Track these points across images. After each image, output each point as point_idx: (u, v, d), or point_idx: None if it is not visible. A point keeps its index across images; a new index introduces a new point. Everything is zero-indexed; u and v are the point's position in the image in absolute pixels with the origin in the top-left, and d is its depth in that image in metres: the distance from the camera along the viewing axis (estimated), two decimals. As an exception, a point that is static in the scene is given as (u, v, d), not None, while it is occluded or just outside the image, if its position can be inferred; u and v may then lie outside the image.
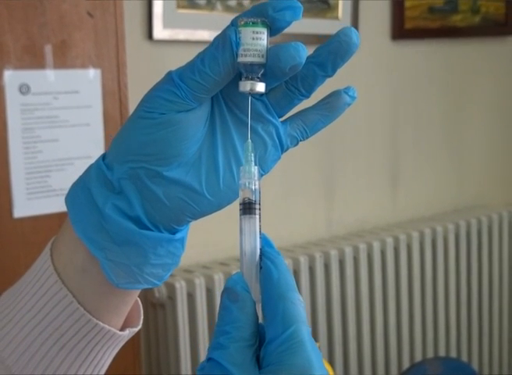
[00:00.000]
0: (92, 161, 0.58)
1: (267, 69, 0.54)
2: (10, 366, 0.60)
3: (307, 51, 0.54)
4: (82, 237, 0.57)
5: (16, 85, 1.59)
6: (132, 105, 1.66)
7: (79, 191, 0.57)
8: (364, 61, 2.48)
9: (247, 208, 0.52)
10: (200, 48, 0.55)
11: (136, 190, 0.56)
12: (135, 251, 0.56)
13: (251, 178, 0.53)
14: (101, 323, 0.60)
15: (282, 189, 2.34)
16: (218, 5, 2.07)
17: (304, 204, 2.41)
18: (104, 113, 1.70)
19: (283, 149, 0.59)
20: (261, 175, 0.58)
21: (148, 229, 0.56)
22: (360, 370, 2.39)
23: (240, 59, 0.52)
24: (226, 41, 0.52)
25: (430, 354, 2.54)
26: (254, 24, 0.52)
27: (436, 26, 2.64)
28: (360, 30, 2.43)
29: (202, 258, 2.14)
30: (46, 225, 1.62)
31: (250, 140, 0.55)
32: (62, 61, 1.64)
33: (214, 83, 0.54)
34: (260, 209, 0.53)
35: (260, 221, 0.52)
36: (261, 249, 0.52)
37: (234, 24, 0.53)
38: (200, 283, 2.00)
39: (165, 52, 2.02)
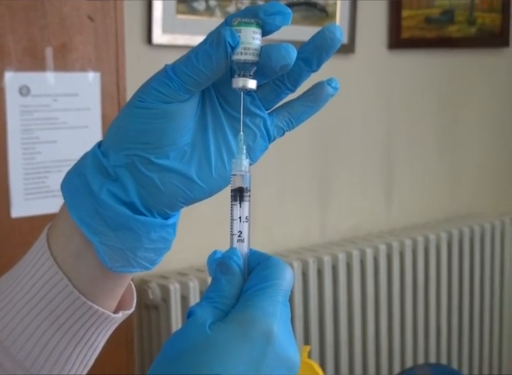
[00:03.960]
0: None
1: (258, 68, 0.56)
2: (8, 347, 0.62)
3: (296, 52, 0.56)
4: (77, 221, 0.59)
5: (16, 87, 1.61)
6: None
7: (74, 178, 0.60)
8: (361, 69, 2.50)
9: (238, 195, 0.55)
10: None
11: (131, 176, 0.58)
12: (129, 236, 0.58)
13: (242, 170, 0.56)
14: (96, 306, 0.62)
15: (277, 194, 2.36)
16: (217, 11, 2.09)
17: (298, 209, 2.43)
18: (102, 116, 1.72)
19: (270, 139, 0.62)
20: (249, 164, 0.61)
21: (142, 214, 0.58)
22: (352, 375, 2.41)
23: (240, 57, 0.55)
24: (221, 40, 0.54)
25: (421, 360, 2.55)
26: (254, 25, 0.55)
27: (433, 37, 2.66)
28: (357, 39, 2.45)
29: (196, 261, 2.16)
30: (43, 225, 1.61)
31: (242, 133, 0.57)
32: (63, 63, 1.66)
33: (205, 79, 0.56)
34: (250, 196, 0.56)
35: (250, 207, 0.55)
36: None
37: (228, 23, 0.56)
38: (193, 285, 2.02)
39: (163, 57, 2.02)
